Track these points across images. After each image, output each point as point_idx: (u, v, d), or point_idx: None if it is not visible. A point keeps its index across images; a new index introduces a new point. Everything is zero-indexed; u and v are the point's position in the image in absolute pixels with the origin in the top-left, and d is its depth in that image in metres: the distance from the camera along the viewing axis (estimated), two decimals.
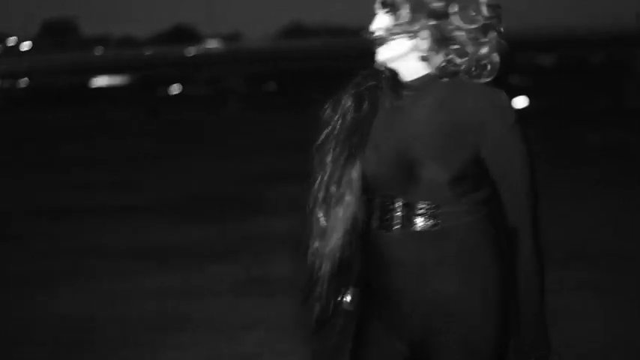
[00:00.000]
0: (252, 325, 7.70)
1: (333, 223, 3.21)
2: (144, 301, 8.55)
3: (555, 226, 10.26)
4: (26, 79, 68.72)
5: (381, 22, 3.14)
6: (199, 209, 14.09)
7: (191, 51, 60.15)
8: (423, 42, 3.10)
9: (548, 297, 3.21)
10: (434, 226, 3.08)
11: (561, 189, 13.94)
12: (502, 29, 3.15)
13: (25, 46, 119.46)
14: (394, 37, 3.11)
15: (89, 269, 9.97)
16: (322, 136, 3.31)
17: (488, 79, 3.12)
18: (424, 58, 3.12)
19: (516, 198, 3.09)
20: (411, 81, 3.16)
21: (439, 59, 3.09)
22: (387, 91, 3.23)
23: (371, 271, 3.28)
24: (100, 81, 68.55)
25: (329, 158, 3.25)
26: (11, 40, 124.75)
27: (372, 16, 3.18)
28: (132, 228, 12.58)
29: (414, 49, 3.11)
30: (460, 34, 3.06)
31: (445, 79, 3.12)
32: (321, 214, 3.24)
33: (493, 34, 3.10)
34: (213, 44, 60.52)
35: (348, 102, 3.28)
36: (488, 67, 3.11)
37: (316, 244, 3.27)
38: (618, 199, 13.53)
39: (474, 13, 3.07)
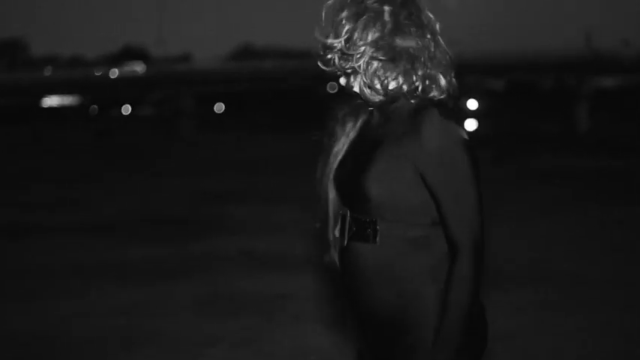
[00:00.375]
0: (216, 341, 7.82)
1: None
2: (104, 319, 8.62)
3: (503, 247, 10.57)
4: None
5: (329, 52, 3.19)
6: (153, 228, 14.18)
7: (139, 71, 59.94)
8: (370, 68, 3.16)
9: (502, 317, 3.34)
10: (374, 239, 3.16)
11: (509, 211, 14.27)
12: (447, 52, 3.20)
13: None
14: (344, 67, 3.19)
15: (40, 288, 10.00)
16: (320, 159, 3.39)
17: (436, 101, 3.16)
18: (370, 85, 3.19)
19: (459, 221, 3.07)
20: (372, 103, 3.25)
21: (386, 83, 3.16)
22: (360, 113, 3.35)
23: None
24: (50, 101, 68.17)
25: (322, 180, 3.39)
26: None
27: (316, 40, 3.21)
28: (83, 246, 12.64)
29: (364, 75, 3.17)
30: (405, 55, 3.12)
31: (396, 102, 3.19)
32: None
33: (438, 57, 3.16)
34: (137, 67, 60.23)
35: (340, 124, 3.41)
36: (434, 87, 3.15)
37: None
38: (566, 221, 13.87)
39: (415, 34, 3.14)
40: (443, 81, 3.16)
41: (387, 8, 3.16)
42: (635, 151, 27.30)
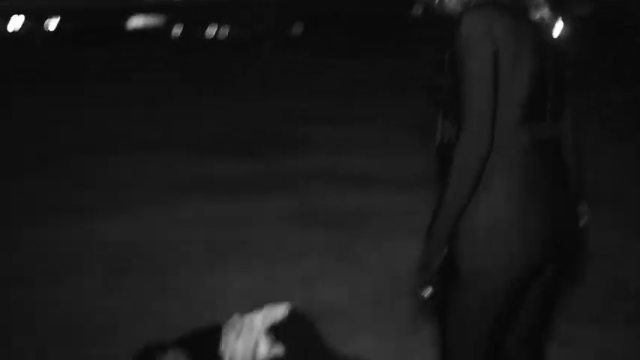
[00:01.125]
0: (305, 252, 7.95)
1: None
2: (194, 229, 8.81)
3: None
4: (62, 19, 68.91)
5: None
6: (238, 146, 14.31)
7: None
8: None
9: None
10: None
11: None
12: None
13: None
14: None
15: (132, 201, 10.21)
16: None
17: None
18: None
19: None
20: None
21: None
22: None
23: None
24: (136, 22, 68.65)
25: None
26: None
27: None
28: (171, 162, 12.82)
29: None
30: None
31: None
32: None
33: None
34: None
35: None
36: None
37: None
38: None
39: None
40: None
41: None
42: None
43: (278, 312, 5.35)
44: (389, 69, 28.70)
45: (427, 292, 3.08)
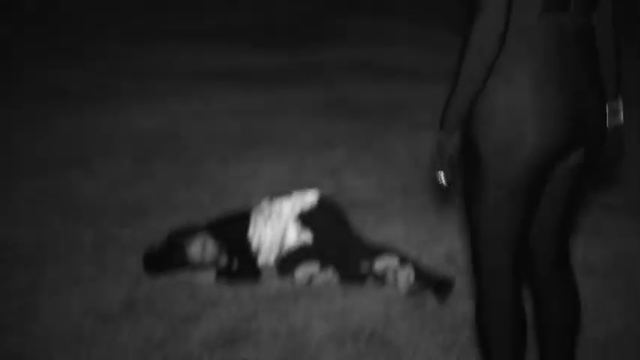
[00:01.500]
0: (334, 142, 7.98)
1: None
2: (222, 118, 8.84)
3: None
4: None
5: None
6: (273, 37, 14.28)
7: None
8: None
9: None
10: None
11: None
12: None
13: None
14: None
15: (162, 89, 10.24)
16: None
17: None
18: None
19: None
20: None
21: None
22: None
23: None
24: None
25: None
26: None
27: None
28: (204, 52, 12.82)
29: None
30: None
31: None
32: None
33: None
34: None
35: None
36: None
37: None
38: None
39: None
40: None
41: None
42: None
43: (307, 199, 5.40)
44: None
45: (444, 177, 3.08)
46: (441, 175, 3.09)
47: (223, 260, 5.34)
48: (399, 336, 4.51)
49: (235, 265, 5.29)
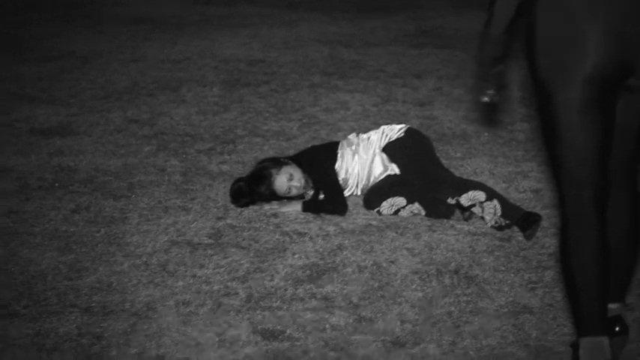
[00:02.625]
0: (423, 72, 7.91)
1: None
2: (312, 47, 8.76)
3: None
4: None
5: None
6: None
7: None
8: None
9: None
10: None
11: None
12: None
13: None
14: None
15: (252, 17, 10.19)
16: None
17: None
18: None
19: None
20: None
21: None
22: None
23: None
24: None
25: None
26: None
27: None
28: None
29: None
30: None
31: None
32: None
33: None
34: None
35: None
36: None
37: None
38: None
39: None
40: None
41: None
42: None
43: (395, 131, 5.36)
44: None
45: (488, 95, 3.16)
46: (485, 94, 3.19)
47: (310, 192, 5.35)
48: (484, 272, 4.48)
49: (322, 196, 5.29)
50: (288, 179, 5.23)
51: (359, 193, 5.36)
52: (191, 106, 6.98)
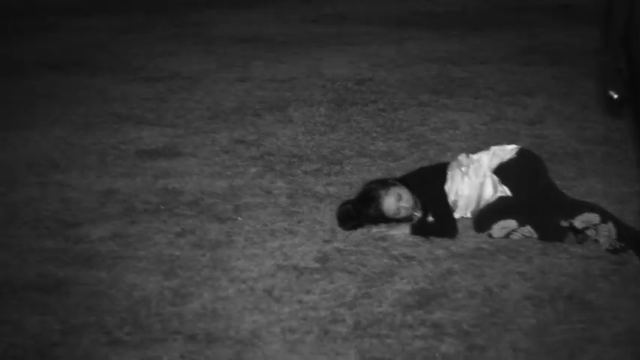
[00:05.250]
0: (533, 90, 7.73)
1: None
2: (419, 65, 8.66)
3: None
4: None
5: None
6: None
7: None
8: None
9: None
10: None
11: None
12: None
13: None
14: None
15: (359, 35, 10.10)
16: None
17: None
18: None
19: None
20: None
21: None
22: None
23: None
24: None
25: None
26: None
27: None
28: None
29: None
30: None
31: None
32: None
33: None
34: None
35: None
36: None
37: None
38: None
39: None
40: None
41: None
42: None
43: (506, 151, 5.21)
44: None
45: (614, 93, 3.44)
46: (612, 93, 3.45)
47: (418, 213, 5.23)
48: (600, 298, 4.31)
49: (430, 219, 5.17)
50: (396, 200, 5.12)
51: (469, 215, 5.22)
52: (298, 126, 6.92)
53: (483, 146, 6.35)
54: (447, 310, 4.23)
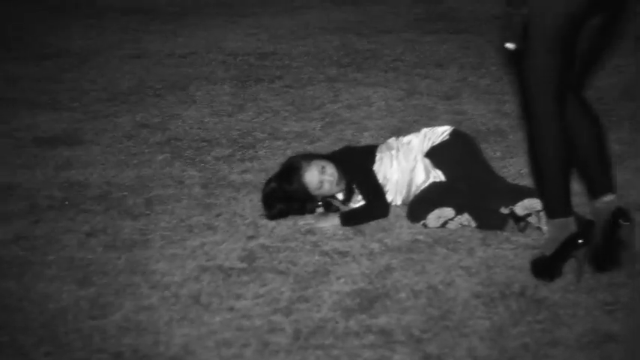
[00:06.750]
0: (444, 62, 7.43)
1: None
2: (322, 37, 8.26)
3: None
4: None
5: None
6: None
7: None
8: None
9: None
10: None
11: None
12: None
13: None
14: None
15: (245, 3, 9.65)
16: None
17: None
18: None
19: None
20: None
21: None
22: None
23: None
24: None
25: None
26: None
27: None
28: None
29: None
30: None
31: None
32: None
33: None
34: None
35: None
36: None
37: None
38: None
39: None
40: None
41: None
42: None
43: (438, 134, 4.90)
44: None
45: (512, 44, 3.81)
46: (509, 44, 3.81)
47: (342, 195, 4.88)
48: (553, 293, 4.05)
49: (357, 204, 4.83)
50: (319, 172, 4.75)
51: (398, 203, 4.90)
52: (203, 106, 6.50)
53: (401, 124, 6.09)
54: (392, 313, 3.91)
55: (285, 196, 4.75)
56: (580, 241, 4.02)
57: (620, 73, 7.03)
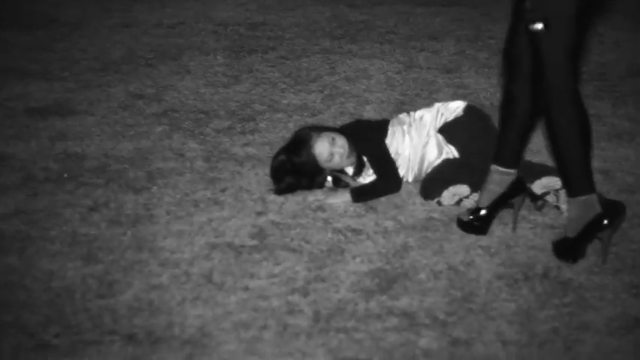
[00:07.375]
0: (440, 35, 7.26)
1: None
2: (312, 7, 8.07)
3: None
4: None
5: None
6: None
7: None
8: None
9: None
10: None
11: None
12: None
13: None
14: None
15: None
16: None
17: None
18: None
19: None
20: None
21: None
22: None
23: None
24: None
25: None
26: None
27: None
28: None
29: None
30: None
31: None
32: None
33: None
34: None
35: None
36: None
37: None
38: None
39: None
40: None
41: None
42: None
43: (451, 110, 4.75)
44: None
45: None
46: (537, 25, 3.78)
47: (352, 167, 4.72)
48: (577, 275, 3.92)
49: (368, 179, 4.68)
50: (330, 143, 4.59)
51: (410, 179, 4.75)
52: (197, 77, 6.31)
53: (403, 97, 5.96)
54: (413, 294, 3.77)
55: (294, 169, 4.59)
56: (605, 221, 3.89)
57: (620, 48, 6.92)
